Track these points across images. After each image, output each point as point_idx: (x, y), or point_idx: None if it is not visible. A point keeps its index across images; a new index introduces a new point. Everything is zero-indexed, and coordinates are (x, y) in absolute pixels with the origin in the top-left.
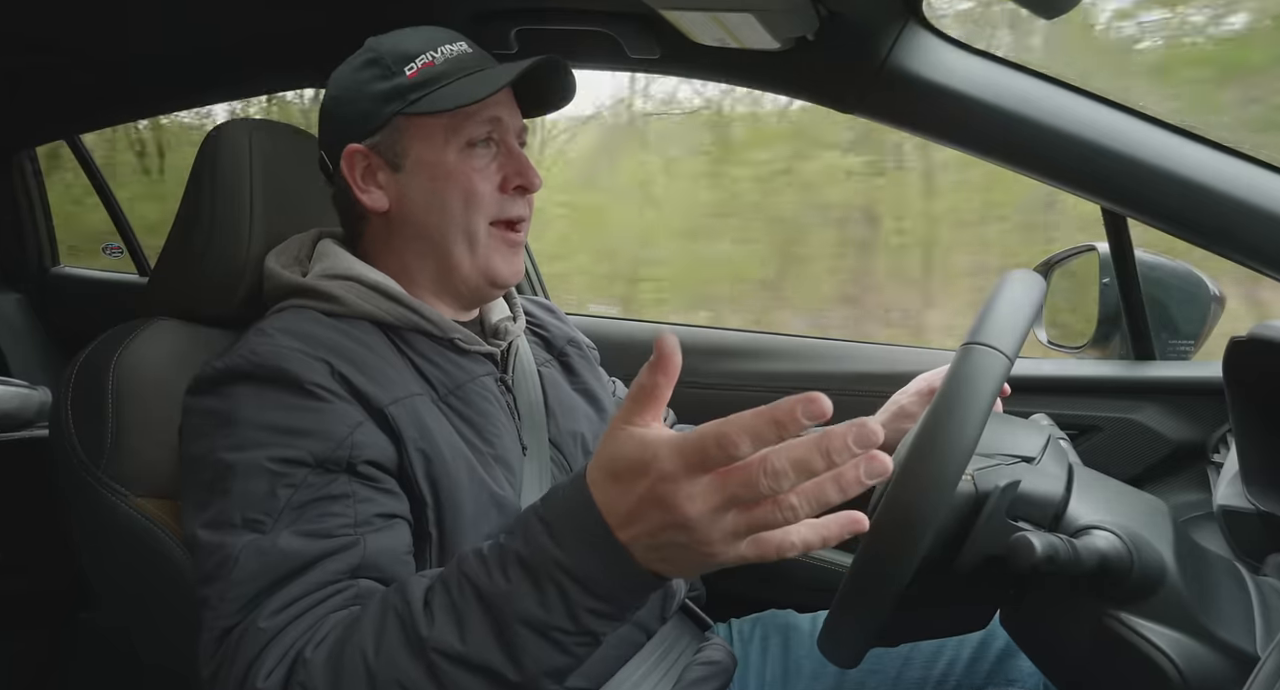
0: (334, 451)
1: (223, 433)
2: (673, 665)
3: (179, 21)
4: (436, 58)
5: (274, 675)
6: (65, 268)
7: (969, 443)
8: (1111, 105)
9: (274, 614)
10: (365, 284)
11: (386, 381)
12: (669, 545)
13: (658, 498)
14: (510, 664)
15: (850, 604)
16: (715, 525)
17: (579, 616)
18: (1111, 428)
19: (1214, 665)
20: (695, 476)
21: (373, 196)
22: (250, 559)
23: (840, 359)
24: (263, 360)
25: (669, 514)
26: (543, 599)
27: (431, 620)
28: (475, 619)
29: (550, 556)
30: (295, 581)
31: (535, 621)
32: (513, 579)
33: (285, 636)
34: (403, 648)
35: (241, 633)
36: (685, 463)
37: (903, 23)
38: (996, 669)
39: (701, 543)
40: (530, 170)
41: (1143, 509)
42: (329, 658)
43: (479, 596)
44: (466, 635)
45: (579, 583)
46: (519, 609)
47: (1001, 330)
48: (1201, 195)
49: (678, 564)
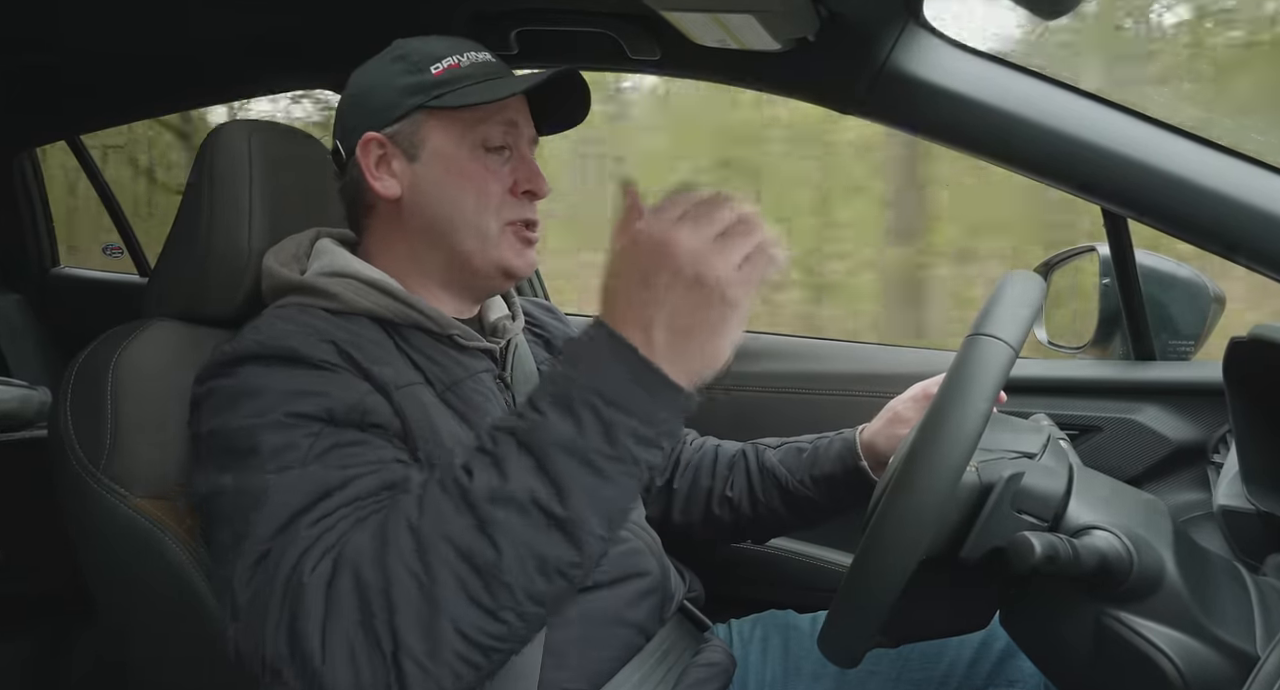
0: (347, 412)
1: (235, 405)
2: (672, 667)
3: (179, 22)
4: (462, 61)
5: (320, 566)
6: (65, 268)
7: (974, 430)
8: (1111, 105)
9: (314, 524)
10: (363, 281)
11: (391, 368)
12: (690, 309)
13: (674, 250)
14: (555, 495)
15: (850, 603)
16: (725, 254)
17: (616, 436)
18: (1112, 428)
19: (1214, 665)
20: (696, 223)
21: (385, 184)
22: (281, 489)
23: (840, 359)
24: (269, 340)
25: (690, 260)
26: (578, 423)
27: (470, 474)
28: (513, 457)
29: (575, 382)
30: (330, 498)
31: (573, 446)
32: (545, 411)
33: (328, 537)
34: (446, 503)
35: (284, 545)
36: (682, 217)
37: (903, 23)
38: (997, 669)
39: (718, 281)
40: (540, 177)
41: (1143, 509)
42: (374, 533)
43: (514, 438)
44: (508, 472)
45: (607, 400)
46: (555, 436)
47: (1005, 322)
48: (1201, 195)
49: (698, 334)
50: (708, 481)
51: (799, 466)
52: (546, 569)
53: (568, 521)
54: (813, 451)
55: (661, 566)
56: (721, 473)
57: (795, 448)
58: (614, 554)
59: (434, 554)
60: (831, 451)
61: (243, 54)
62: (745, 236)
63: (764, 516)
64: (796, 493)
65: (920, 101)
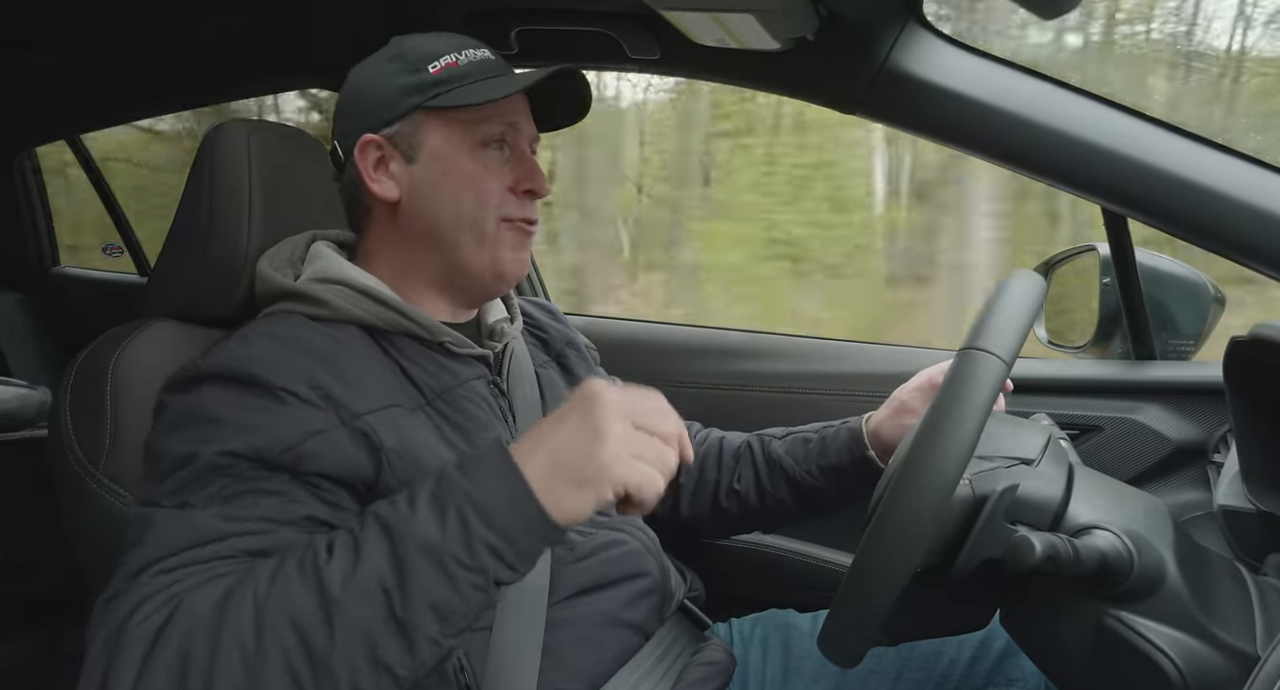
0: (278, 454)
1: (178, 428)
2: (671, 666)
3: (178, 21)
4: (460, 59)
5: (151, 619)
6: (65, 268)
7: (965, 449)
8: (1111, 105)
9: (166, 571)
10: (355, 288)
11: (367, 389)
12: (568, 460)
13: (584, 402)
14: (398, 588)
15: (850, 603)
16: (617, 433)
17: (475, 547)
18: (1112, 428)
19: (1214, 665)
20: (623, 395)
21: (383, 186)
22: (164, 526)
23: (841, 359)
24: (235, 364)
25: (587, 419)
26: (443, 524)
27: (331, 555)
28: (372, 542)
29: (458, 486)
30: (197, 549)
31: (431, 545)
32: (418, 507)
33: (173, 587)
34: (296, 580)
35: (130, 592)
36: (619, 392)
37: (903, 23)
38: (997, 669)
39: (600, 451)
40: (540, 175)
41: (1143, 509)
42: (215, 604)
43: (381, 525)
44: (363, 557)
45: (479, 510)
46: (417, 532)
47: (999, 335)
48: (1201, 195)
49: (567, 485)
50: (714, 474)
51: (806, 457)
52: (376, 664)
53: (405, 621)
54: (819, 441)
55: (661, 566)
56: (728, 465)
57: (801, 438)
58: (613, 555)
59: (270, 633)
60: (838, 441)
61: (241, 53)
62: (659, 441)
63: (772, 507)
64: (804, 483)
65: (920, 101)
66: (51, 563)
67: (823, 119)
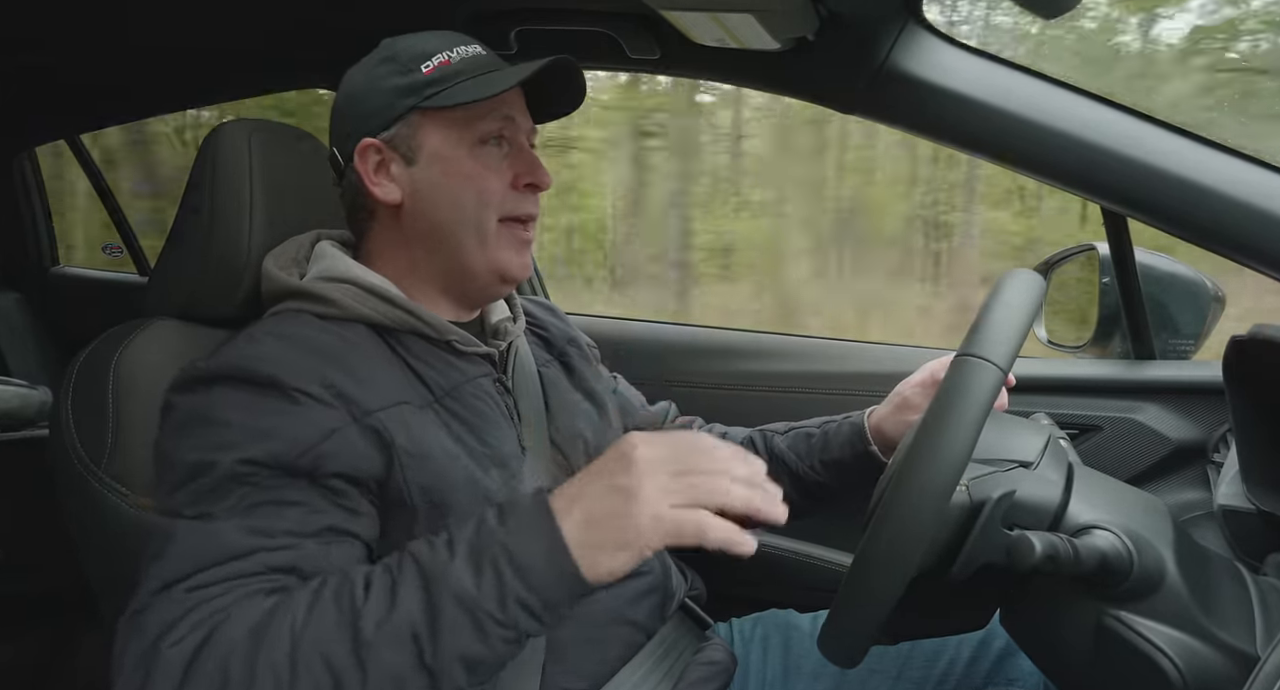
0: (296, 458)
1: (191, 431)
2: (673, 665)
3: (178, 21)
4: (452, 57)
5: (187, 640)
6: (65, 268)
7: (961, 457)
8: (1111, 105)
9: (196, 589)
10: (361, 286)
11: (377, 387)
12: (603, 523)
13: (617, 462)
14: (430, 638)
15: (850, 603)
16: (649, 494)
17: (508, 603)
18: (1112, 427)
19: (1214, 665)
20: (657, 447)
21: (385, 189)
22: (186, 538)
23: (842, 359)
24: (245, 363)
25: (619, 482)
26: (478, 578)
27: (368, 594)
28: (409, 587)
29: (496, 538)
30: (225, 565)
31: (466, 598)
32: (456, 555)
33: (204, 608)
34: (332, 615)
35: (160, 607)
36: (652, 438)
37: (902, 23)
38: (996, 668)
39: (635, 514)
40: (541, 169)
41: (1143, 508)
42: (253, 628)
43: (419, 569)
44: (397, 601)
45: (514, 565)
46: (453, 581)
47: (995, 341)
48: (1201, 195)
49: (603, 546)
50: None
51: (808, 452)
52: None
53: (435, 670)
54: (821, 436)
55: (663, 565)
56: None
57: (803, 433)
58: None
59: (304, 666)
60: (840, 436)
61: (241, 53)
62: (705, 478)
63: None
64: (807, 478)
65: (920, 101)
66: (51, 563)
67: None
